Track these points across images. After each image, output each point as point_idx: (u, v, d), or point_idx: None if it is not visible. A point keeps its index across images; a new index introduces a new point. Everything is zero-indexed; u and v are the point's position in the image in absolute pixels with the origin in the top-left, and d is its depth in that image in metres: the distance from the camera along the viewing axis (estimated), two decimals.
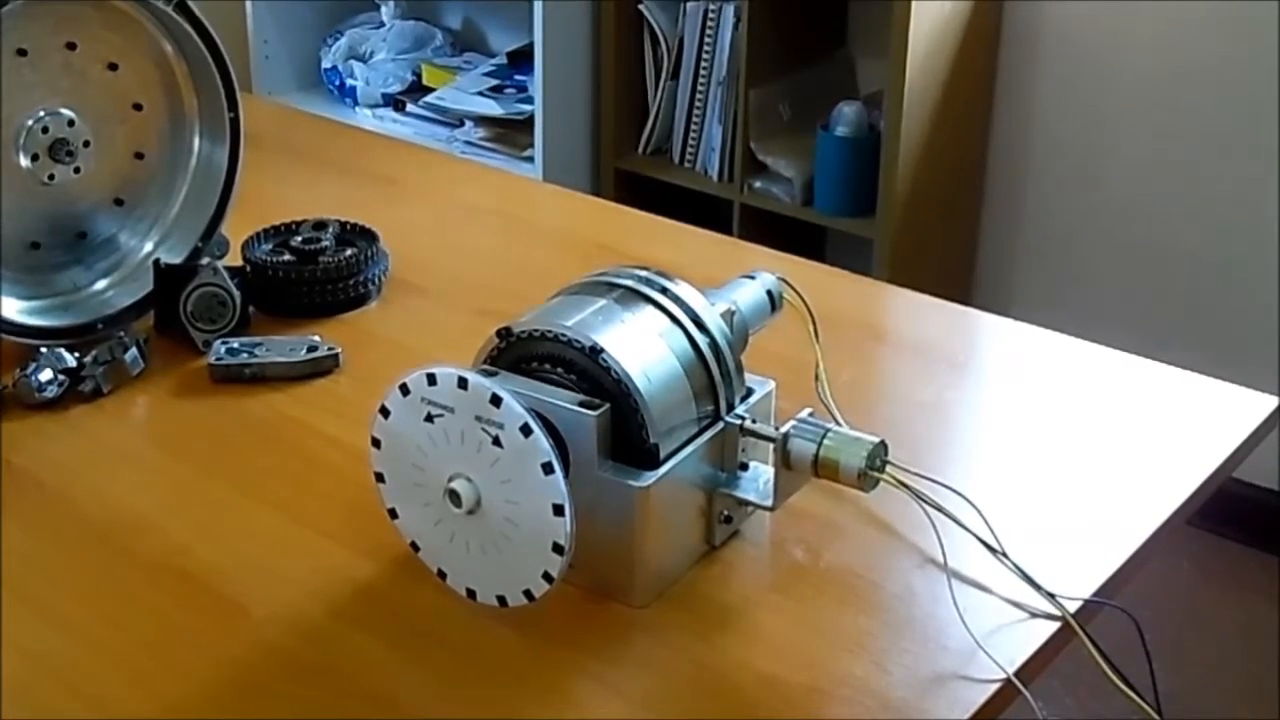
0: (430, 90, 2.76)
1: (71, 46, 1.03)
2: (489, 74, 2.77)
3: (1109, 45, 2.26)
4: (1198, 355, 1.21)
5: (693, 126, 2.50)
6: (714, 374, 0.79)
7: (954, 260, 2.49)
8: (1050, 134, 2.36)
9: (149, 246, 1.11)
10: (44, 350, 0.99)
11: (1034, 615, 0.76)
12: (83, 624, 0.76)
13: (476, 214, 1.36)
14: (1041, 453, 0.93)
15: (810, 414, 0.80)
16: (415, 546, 0.77)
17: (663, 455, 0.75)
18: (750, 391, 0.82)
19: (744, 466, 0.82)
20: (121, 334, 1.02)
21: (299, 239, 1.12)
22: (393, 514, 0.77)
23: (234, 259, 1.11)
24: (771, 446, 0.79)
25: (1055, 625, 0.75)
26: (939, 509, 0.80)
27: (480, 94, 2.71)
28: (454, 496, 0.72)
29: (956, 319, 1.15)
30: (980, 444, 0.96)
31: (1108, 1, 2.23)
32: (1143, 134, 2.26)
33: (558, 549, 0.70)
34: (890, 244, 2.28)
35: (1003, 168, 2.43)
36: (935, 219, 2.38)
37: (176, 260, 1.09)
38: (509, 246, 1.28)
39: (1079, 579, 0.79)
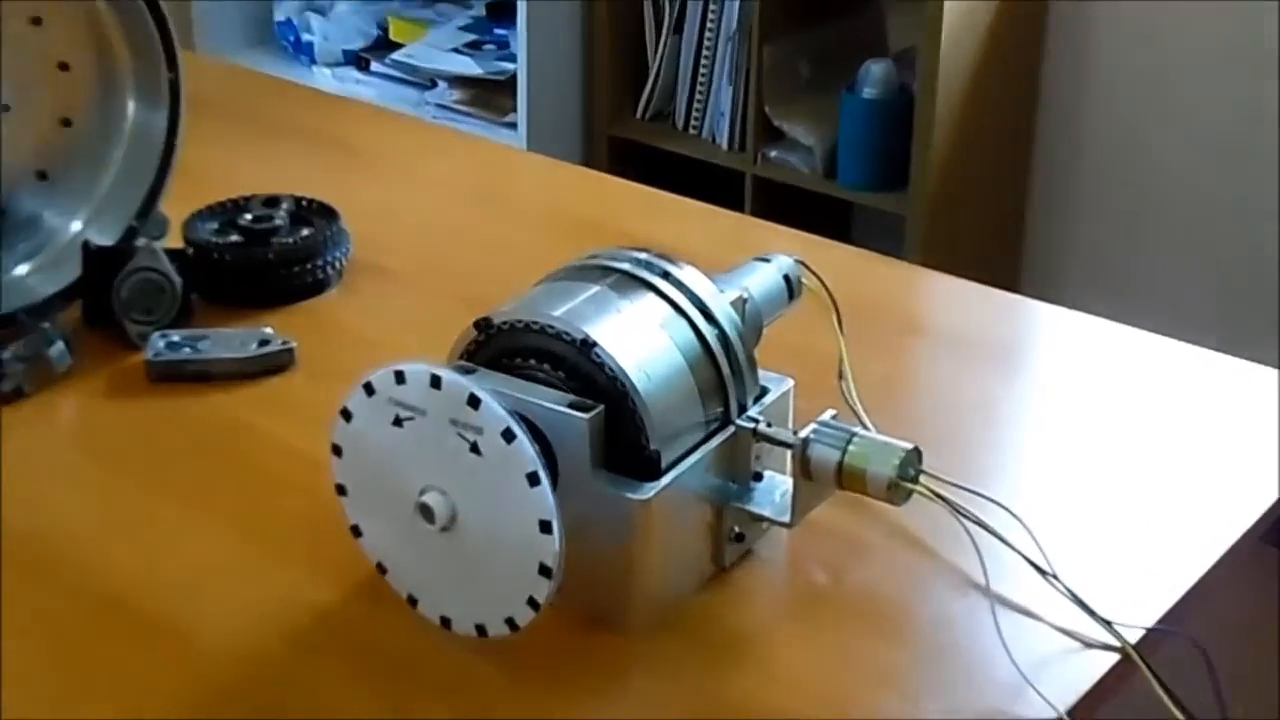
0: (398, 46, 2.76)
1: None
2: (465, 28, 2.77)
3: None
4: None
5: (698, 88, 2.50)
6: (723, 371, 0.79)
7: (998, 240, 2.49)
8: (1108, 95, 2.36)
9: (77, 226, 1.11)
10: None
11: (1089, 646, 0.76)
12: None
13: (451, 188, 1.36)
14: (1099, 461, 0.93)
15: (834, 416, 0.80)
16: (382, 568, 0.77)
17: (664, 464, 0.75)
18: (765, 391, 0.82)
19: (758, 476, 0.82)
20: (45, 326, 1.02)
21: (248, 217, 1.12)
22: (356, 531, 0.77)
23: (174, 240, 1.11)
24: (789, 454, 0.79)
25: (1114, 657, 0.76)
26: (981, 525, 0.80)
27: (455, 51, 2.71)
28: (426, 511, 0.72)
29: (1001, 307, 1.15)
30: (1029, 451, 0.96)
31: None
32: (1214, 94, 2.26)
33: (545, 571, 0.70)
34: (925, 221, 2.28)
35: (1054, 133, 2.43)
36: (977, 193, 2.38)
37: (108, 242, 1.09)
38: (488, 225, 1.28)
39: (1141, 604, 0.79)
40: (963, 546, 0.80)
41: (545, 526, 0.69)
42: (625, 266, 0.80)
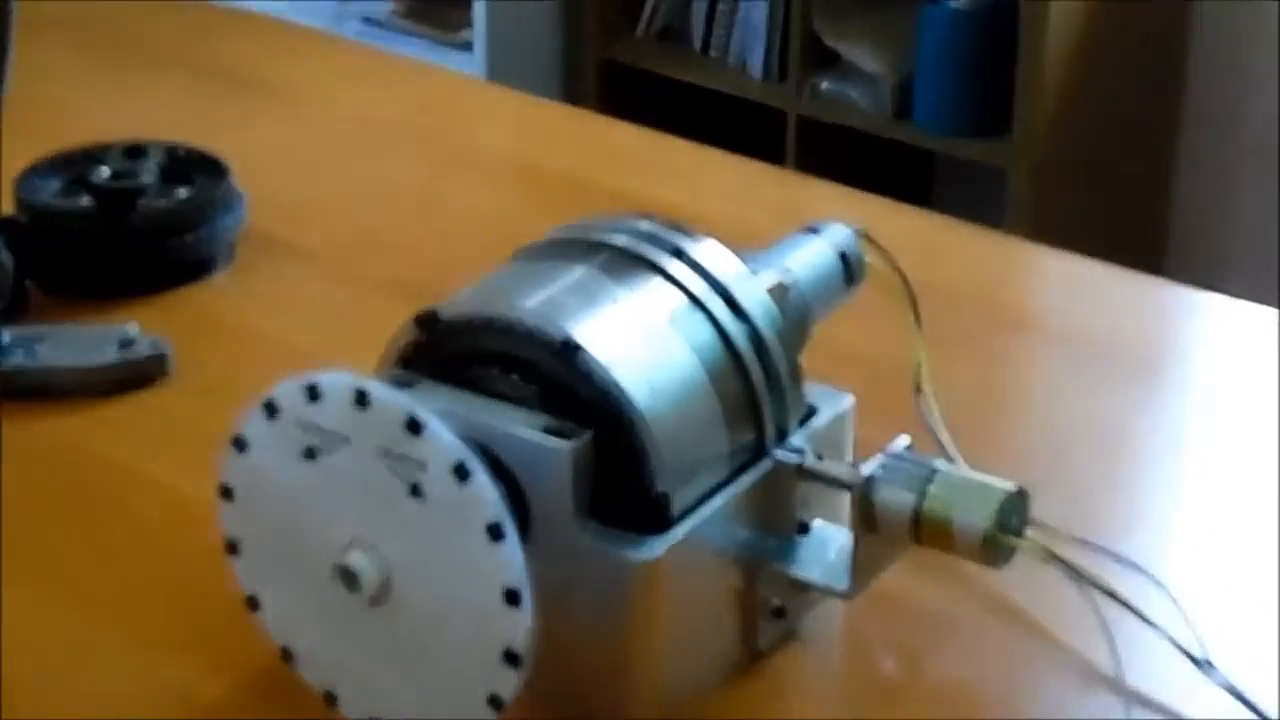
0: None
1: None
2: None
3: None
4: None
5: None
6: (756, 383, 0.79)
7: (1135, 204, 2.49)
8: None
9: None
10: None
11: None
12: None
13: (383, 133, 1.36)
14: (1270, 509, 0.94)
15: (908, 446, 0.80)
16: (288, 654, 0.77)
17: (676, 510, 0.75)
18: (813, 411, 0.82)
19: (804, 528, 0.82)
20: None
21: (104, 173, 1.13)
22: (253, 603, 0.77)
23: (2, 205, 1.11)
24: (847, 497, 0.80)
25: None
26: (1110, 594, 0.81)
27: None
28: (349, 576, 0.72)
29: (1138, 296, 1.15)
30: (1175, 494, 0.97)
31: None
32: None
33: (511, 658, 0.70)
34: (1033, 179, 2.28)
35: (1213, 57, 2.43)
36: (1105, 140, 2.38)
37: None
38: (433, 183, 1.28)
39: None
40: (1085, 624, 0.81)
41: (512, 597, 0.70)
42: (622, 241, 0.81)
